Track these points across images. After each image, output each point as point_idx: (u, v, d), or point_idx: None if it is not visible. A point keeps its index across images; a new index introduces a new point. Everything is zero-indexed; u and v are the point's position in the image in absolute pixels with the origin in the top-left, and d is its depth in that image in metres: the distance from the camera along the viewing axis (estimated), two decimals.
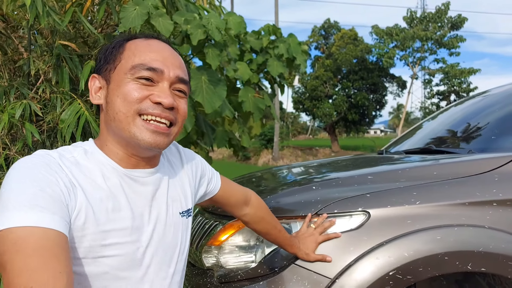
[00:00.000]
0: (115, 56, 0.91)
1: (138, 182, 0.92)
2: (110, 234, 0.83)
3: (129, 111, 0.86)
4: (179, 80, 0.92)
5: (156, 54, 0.90)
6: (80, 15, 2.55)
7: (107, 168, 0.88)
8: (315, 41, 29.29)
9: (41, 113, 2.55)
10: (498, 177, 1.42)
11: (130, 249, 0.87)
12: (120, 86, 0.88)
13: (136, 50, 0.90)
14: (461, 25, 25.04)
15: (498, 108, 2.15)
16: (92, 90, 0.94)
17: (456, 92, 25.87)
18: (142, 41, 0.93)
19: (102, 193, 0.84)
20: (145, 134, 0.86)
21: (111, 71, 0.91)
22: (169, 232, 0.96)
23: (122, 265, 0.85)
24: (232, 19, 2.94)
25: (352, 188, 1.43)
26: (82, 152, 0.89)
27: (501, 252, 1.28)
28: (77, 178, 0.82)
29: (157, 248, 0.93)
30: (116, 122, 0.87)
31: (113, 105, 0.88)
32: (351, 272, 1.23)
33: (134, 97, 0.86)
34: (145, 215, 0.91)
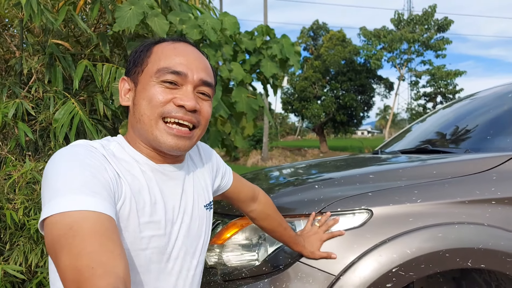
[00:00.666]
0: (142, 60, 0.94)
1: (168, 176, 0.95)
2: (148, 226, 0.86)
3: (153, 114, 0.89)
4: (203, 83, 0.94)
5: (181, 58, 0.92)
6: (74, 14, 2.52)
7: (141, 162, 0.91)
8: (304, 42, 29.43)
9: (34, 112, 2.52)
10: (496, 176, 1.45)
11: (163, 241, 0.89)
12: (146, 89, 0.90)
13: (162, 54, 0.92)
14: (447, 27, 25.42)
15: (492, 109, 2.19)
16: (122, 92, 0.97)
17: (443, 94, 26.23)
18: (168, 44, 0.95)
19: (140, 186, 0.87)
20: (166, 137, 0.89)
21: (139, 74, 0.93)
22: (195, 224, 0.99)
23: (154, 258, 0.88)
24: (227, 19, 2.94)
25: (355, 187, 1.45)
26: (117, 145, 0.92)
27: (500, 249, 1.31)
28: (120, 168, 0.85)
29: (185, 240, 0.95)
30: (140, 124, 0.90)
31: (139, 108, 0.91)
32: (355, 269, 1.25)
33: (158, 100, 0.89)
34: (176, 208, 0.94)
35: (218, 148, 3.64)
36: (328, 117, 25.29)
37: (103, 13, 2.80)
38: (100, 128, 2.64)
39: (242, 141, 3.62)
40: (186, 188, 0.99)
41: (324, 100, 25.13)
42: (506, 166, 1.48)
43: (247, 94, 3.25)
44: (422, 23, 25.52)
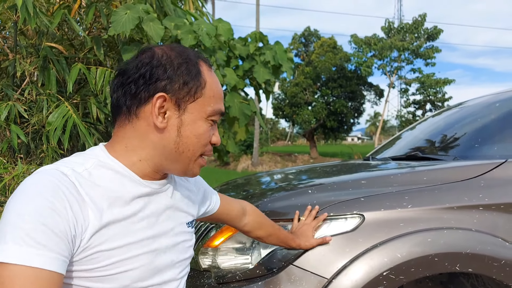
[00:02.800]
0: (196, 88, 0.88)
1: (154, 192, 0.92)
2: (131, 247, 0.83)
3: (198, 150, 0.90)
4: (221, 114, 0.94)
5: (223, 95, 0.94)
6: (69, 17, 2.53)
7: (125, 178, 0.86)
8: (295, 48, 29.60)
9: (26, 115, 2.52)
10: (484, 182, 1.49)
11: (149, 259, 0.87)
12: (197, 125, 0.88)
13: (214, 90, 0.91)
14: (437, 36, 25.76)
15: (480, 118, 2.25)
16: (156, 110, 0.85)
17: (432, 102, 26.53)
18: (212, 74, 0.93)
19: (119, 206, 0.83)
20: (196, 169, 0.93)
21: (189, 101, 0.87)
22: (180, 240, 0.97)
23: (142, 275, 0.85)
24: (222, 25, 2.97)
25: (347, 192, 1.48)
26: (95, 163, 0.85)
27: (487, 254, 1.35)
28: (92, 195, 0.79)
29: (172, 255, 0.94)
30: (182, 155, 0.89)
31: (187, 141, 0.88)
32: (347, 273, 1.27)
33: (206, 140, 0.90)
34: (159, 224, 0.92)
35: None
36: (318, 123, 25.41)
37: (98, 17, 2.82)
38: (93, 132, 2.65)
39: (234, 146, 3.64)
40: (170, 205, 0.96)
41: (314, 106, 25.26)
42: (493, 173, 1.52)
43: (239, 99, 3.28)
44: (412, 32, 25.85)
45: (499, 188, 1.49)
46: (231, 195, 1.87)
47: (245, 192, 1.89)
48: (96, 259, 0.79)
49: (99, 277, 0.80)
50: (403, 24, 26.59)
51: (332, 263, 1.30)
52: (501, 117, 2.09)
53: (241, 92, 3.60)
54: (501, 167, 1.54)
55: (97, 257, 0.79)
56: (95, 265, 0.79)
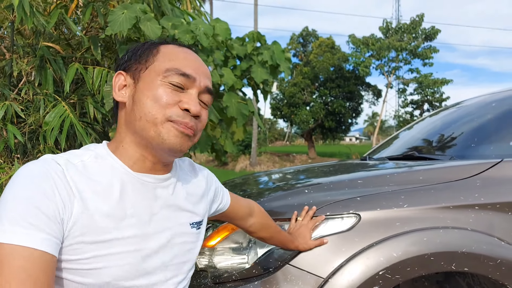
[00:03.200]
0: (147, 56, 0.91)
1: (148, 187, 0.90)
2: (114, 243, 0.81)
3: (159, 113, 0.86)
4: (207, 90, 0.93)
5: (190, 62, 0.91)
6: (66, 17, 2.53)
7: (117, 172, 0.87)
8: (293, 48, 29.61)
9: (23, 114, 2.51)
10: (480, 182, 1.49)
11: (135, 258, 0.85)
12: (151, 88, 0.87)
13: (171, 54, 0.91)
14: (435, 36, 25.80)
15: (476, 118, 2.25)
16: (116, 87, 0.92)
17: (429, 102, 26.57)
18: (175, 47, 0.94)
19: (108, 200, 0.83)
20: (172, 133, 0.86)
21: (142, 71, 0.90)
22: (178, 241, 0.94)
23: (125, 275, 0.83)
24: (219, 25, 2.98)
25: (343, 192, 1.48)
26: (92, 155, 0.87)
27: (482, 253, 1.35)
28: (80, 186, 0.81)
29: (164, 257, 0.91)
30: (142, 121, 0.86)
31: (141, 106, 0.87)
32: (343, 272, 1.27)
33: (164, 101, 0.86)
34: (154, 222, 0.89)
35: (207, 153, 3.66)
36: (316, 123, 25.43)
37: (95, 17, 2.81)
38: (90, 132, 2.65)
39: (232, 146, 3.65)
40: (168, 202, 0.94)
41: (313, 106, 25.27)
42: (489, 173, 1.53)
43: (237, 99, 3.28)
44: (410, 32, 25.88)
45: (495, 187, 1.50)
46: None
47: (242, 192, 1.89)
48: (78, 250, 0.78)
49: (79, 270, 0.79)
50: (401, 24, 26.62)
51: (328, 262, 1.30)
52: (498, 117, 2.09)
53: (239, 92, 3.60)
54: (497, 166, 1.55)
55: (79, 248, 0.78)
56: (76, 256, 0.78)
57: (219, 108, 3.32)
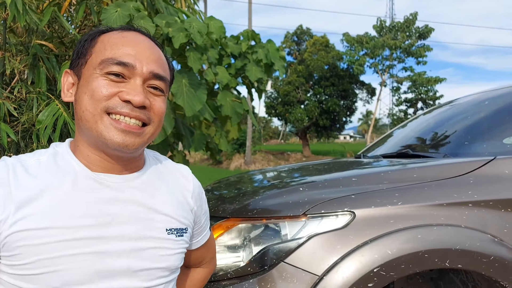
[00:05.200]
0: (86, 50, 0.85)
1: (109, 188, 0.83)
2: (64, 245, 0.76)
3: (96, 109, 0.79)
4: (154, 76, 0.84)
5: (129, 48, 0.83)
6: (59, 15, 2.51)
7: (73, 170, 0.82)
8: (288, 46, 29.61)
9: (16, 113, 2.50)
10: (473, 179, 1.50)
11: (89, 261, 0.78)
12: (88, 82, 0.81)
13: (108, 43, 0.84)
14: (428, 35, 25.94)
15: (469, 116, 2.27)
16: (65, 87, 0.87)
17: (423, 100, 26.70)
18: (116, 33, 0.86)
19: (58, 199, 0.78)
20: (113, 133, 0.79)
21: (82, 66, 0.84)
22: (148, 246, 0.85)
23: (77, 279, 0.76)
24: (213, 23, 2.97)
25: (338, 190, 1.49)
26: (51, 154, 0.84)
27: (476, 250, 1.36)
28: (23, 185, 0.77)
29: (128, 261, 0.82)
30: (83, 121, 0.81)
31: (80, 103, 0.82)
32: (338, 269, 1.28)
33: (101, 94, 0.79)
34: (116, 224, 0.82)
35: (202, 151, 3.65)
36: (311, 122, 25.48)
37: (88, 15, 2.80)
38: None
39: (227, 145, 3.64)
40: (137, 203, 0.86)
41: (307, 104, 25.32)
42: (482, 170, 1.54)
43: (232, 98, 3.28)
44: (404, 30, 25.99)
45: (488, 185, 1.51)
46: (223, 193, 1.87)
47: (237, 190, 1.89)
48: (20, 255, 0.74)
49: (24, 276, 0.74)
50: (395, 22, 26.72)
51: (323, 260, 1.30)
52: (491, 114, 2.11)
53: (233, 90, 3.60)
54: (490, 164, 1.56)
55: (21, 252, 0.73)
56: (19, 262, 0.74)
57: (213, 107, 3.32)
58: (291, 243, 1.36)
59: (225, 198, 1.75)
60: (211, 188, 2.05)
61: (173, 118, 2.71)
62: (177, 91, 2.64)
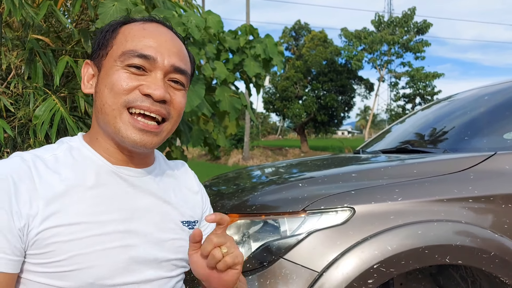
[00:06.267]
0: (107, 41, 0.84)
1: (128, 181, 0.84)
2: (94, 240, 0.75)
3: (116, 103, 0.79)
4: (175, 69, 0.83)
5: (151, 40, 0.81)
6: (55, 9, 2.49)
7: (94, 164, 0.82)
8: (286, 42, 29.58)
9: (13, 108, 2.48)
10: (473, 175, 1.50)
11: (119, 255, 0.78)
12: (108, 75, 0.80)
13: (129, 34, 0.82)
14: (426, 30, 25.91)
15: (469, 111, 2.26)
16: (85, 78, 0.87)
17: (421, 95, 26.71)
18: (138, 24, 0.85)
19: (84, 194, 0.77)
20: (131, 131, 0.79)
21: (103, 58, 0.83)
22: (167, 237, 0.87)
23: (110, 273, 0.77)
24: (211, 18, 2.95)
25: (338, 185, 1.48)
26: (66, 148, 0.83)
27: (476, 246, 1.36)
28: (48, 181, 0.75)
29: (155, 252, 0.84)
30: (102, 114, 0.81)
31: (100, 96, 0.81)
32: (338, 266, 1.27)
33: (121, 88, 0.78)
34: (138, 217, 0.83)
35: (200, 147, 3.64)
36: (309, 117, 25.47)
37: (85, 9, 2.77)
38: (81, 125, 2.61)
39: (225, 140, 3.63)
40: (154, 196, 0.87)
41: (305, 100, 25.30)
42: (482, 166, 1.53)
43: (230, 93, 3.26)
44: (402, 26, 25.95)
45: (488, 180, 1.50)
46: (221, 189, 1.86)
47: (235, 186, 1.88)
48: (52, 252, 0.72)
49: (56, 273, 0.73)
50: (393, 18, 26.68)
51: (323, 256, 1.30)
52: (490, 110, 2.10)
53: (231, 86, 3.58)
54: (490, 159, 1.56)
55: (53, 249, 0.72)
56: (51, 259, 0.73)
57: (211, 102, 3.30)
58: (291, 239, 1.35)
59: (223, 194, 1.74)
60: (209, 184, 2.04)
61: None
62: None
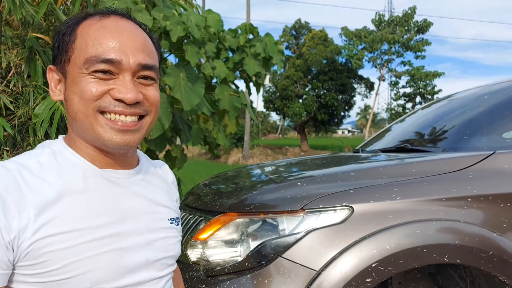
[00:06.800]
0: (67, 46, 0.80)
1: (116, 184, 0.83)
2: (89, 245, 0.75)
3: (88, 110, 0.76)
4: (143, 67, 0.80)
5: (112, 40, 0.78)
6: (55, 7, 2.49)
7: (80, 169, 0.80)
8: (286, 41, 29.54)
9: (12, 107, 2.48)
10: (472, 174, 1.50)
11: (114, 258, 0.78)
12: (76, 82, 0.77)
13: (88, 37, 0.78)
14: (427, 29, 25.89)
15: (468, 110, 2.26)
16: (52, 85, 0.84)
17: (421, 94, 26.70)
18: (94, 22, 0.80)
19: (75, 200, 0.76)
20: (111, 134, 0.77)
21: (66, 64, 0.80)
22: (158, 236, 0.87)
23: (105, 277, 0.76)
24: (211, 16, 2.94)
25: (336, 184, 1.48)
26: (49, 153, 0.80)
27: (475, 245, 1.36)
28: (36, 189, 0.73)
29: (147, 254, 0.84)
30: (78, 122, 0.79)
31: (71, 104, 0.78)
32: (336, 264, 1.27)
33: (91, 94, 0.76)
34: (129, 219, 0.82)
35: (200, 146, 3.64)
36: (309, 116, 25.47)
37: (85, 7, 2.77)
38: None
39: (225, 139, 3.63)
40: (141, 198, 0.87)
41: (305, 99, 25.30)
42: (481, 165, 1.53)
43: (230, 92, 3.26)
44: (402, 25, 25.92)
45: (487, 179, 1.50)
46: (221, 188, 1.86)
47: (234, 185, 1.88)
48: (46, 262, 0.71)
49: (51, 282, 0.72)
50: (393, 17, 26.65)
51: (321, 255, 1.30)
52: (490, 109, 2.10)
53: (231, 84, 3.58)
54: (489, 158, 1.56)
55: (48, 259, 0.71)
56: (45, 269, 0.71)
57: (211, 101, 3.30)
58: (289, 238, 1.35)
59: (222, 192, 1.74)
60: (208, 183, 2.04)
61: (171, 112, 2.69)
62: (175, 85, 2.62)
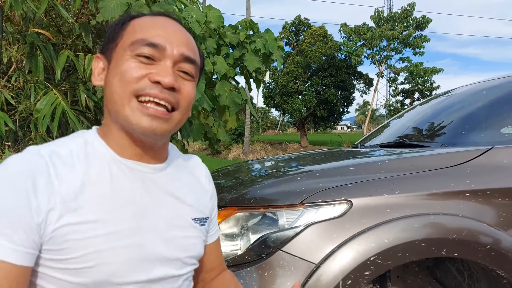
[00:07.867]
0: (117, 34, 0.84)
1: (141, 177, 0.83)
2: (110, 237, 0.75)
3: (125, 91, 0.78)
4: (185, 59, 0.83)
5: (160, 30, 0.82)
6: (56, 3, 2.49)
7: (108, 160, 0.81)
8: (286, 37, 29.46)
9: (14, 102, 2.49)
10: (471, 169, 1.51)
11: (132, 252, 0.78)
12: (118, 65, 0.80)
13: (139, 26, 0.83)
14: (426, 25, 25.80)
15: (467, 105, 2.27)
16: (95, 72, 0.87)
17: (420, 91, 26.68)
18: (147, 17, 0.86)
19: (99, 190, 0.77)
20: (139, 117, 0.77)
21: (113, 50, 0.83)
22: (178, 234, 0.86)
23: (123, 270, 0.77)
24: (212, 12, 2.95)
25: (335, 179, 1.49)
26: (81, 143, 0.82)
27: (473, 239, 1.38)
28: (64, 177, 0.74)
29: (165, 250, 0.83)
30: (111, 103, 0.80)
31: (110, 86, 0.81)
32: (335, 258, 1.29)
33: (131, 76, 0.78)
34: (150, 214, 0.82)
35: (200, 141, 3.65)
36: (309, 112, 25.48)
37: (86, 3, 2.78)
38: (82, 119, 2.63)
39: (225, 135, 3.64)
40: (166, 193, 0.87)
41: (305, 95, 25.30)
42: (480, 160, 1.55)
43: (230, 87, 3.27)
44: (401, 21, 25.84)
45: (485, 174, 1.52)
46: (221, 182, 1.88)
47: (235, 179, 1.90)
48: (68, 249, 0.73)
49: (71, 270, 0.73)
50: (393, 13, 26.57)
51: (320, 248, 1.32)
52: (488, 104, 2.11)
53: (231, 80, 3.59)
54: (487, 153, 1.57)
55: (69, 246, 0.73)
56: (67, 256, 0.73)
57: (212, 97, 3.31)
58: (289, 232, 1.37)
59: (223, 187, 1.75)
60: None
61: None
62: None
